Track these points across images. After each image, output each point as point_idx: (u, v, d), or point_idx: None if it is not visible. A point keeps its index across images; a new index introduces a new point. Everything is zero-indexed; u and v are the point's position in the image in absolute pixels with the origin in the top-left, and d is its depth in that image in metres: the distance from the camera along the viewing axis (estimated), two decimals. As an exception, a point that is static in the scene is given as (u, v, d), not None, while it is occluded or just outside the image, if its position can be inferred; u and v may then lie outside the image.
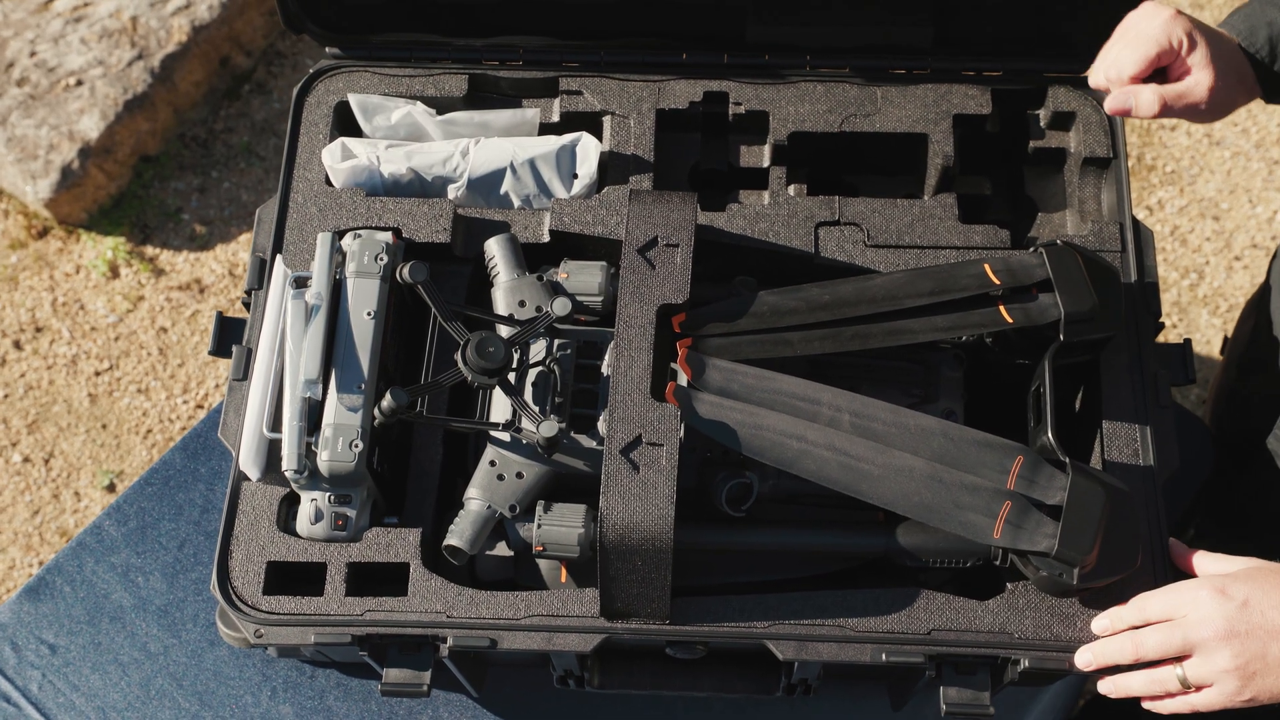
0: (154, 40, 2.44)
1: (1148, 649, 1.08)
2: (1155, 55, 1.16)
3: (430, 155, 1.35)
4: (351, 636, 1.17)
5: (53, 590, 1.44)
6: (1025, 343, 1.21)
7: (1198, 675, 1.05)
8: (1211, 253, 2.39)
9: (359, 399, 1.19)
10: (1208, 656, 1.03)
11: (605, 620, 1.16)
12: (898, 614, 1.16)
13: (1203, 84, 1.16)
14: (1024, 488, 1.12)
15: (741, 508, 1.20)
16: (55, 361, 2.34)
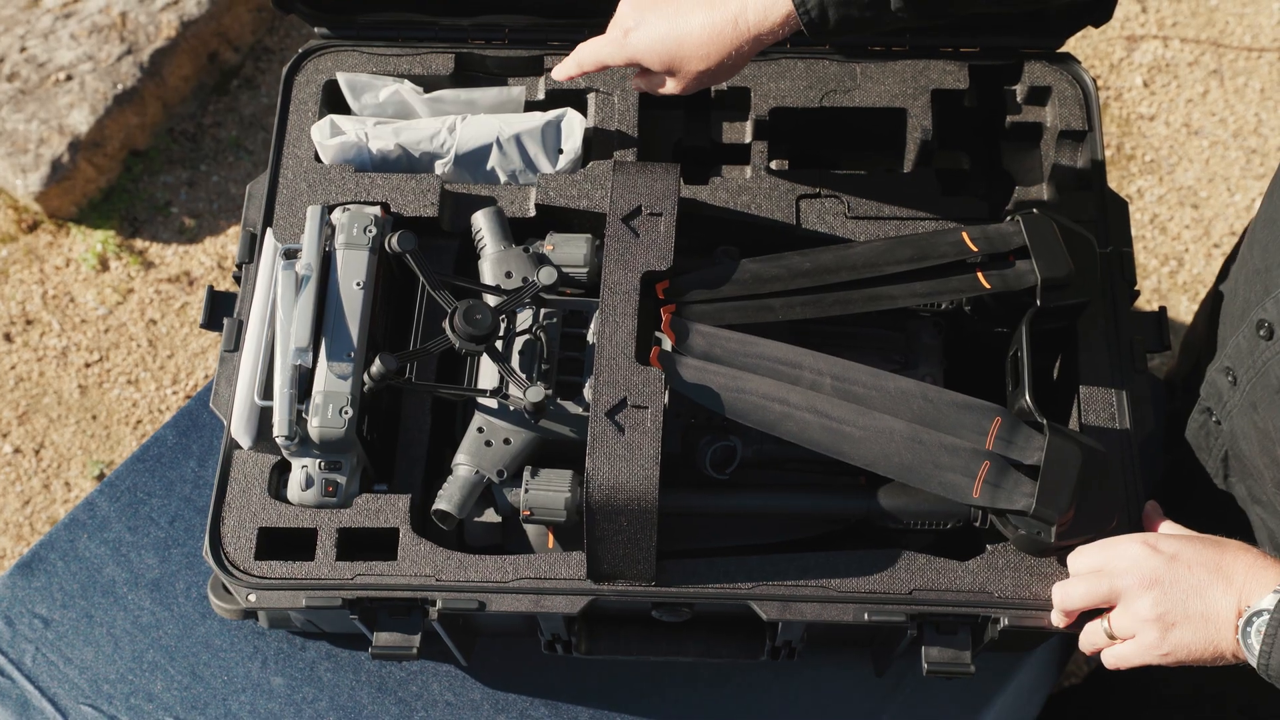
0: (143, 35, 2.46)
1: (1074, 598, 1.09)
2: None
3: (418, 132, 1.37)
4: (342, 600, 1.18)
5: (46, 565, 1.46)
6: (1003, 309, 1.23)
7: (1120, 624, 1.06)
8: (1191, 240, 2.42)
9: (349, 367, 1.21)
10: (1129, 605, 1.04)
11: (592, 582, 1.18)
12: (879, 574, 1.18)
13: None
14: (1002, 448, 1.14)
15: (725, 471, 1.22)
16: (45, 354, 2.35)
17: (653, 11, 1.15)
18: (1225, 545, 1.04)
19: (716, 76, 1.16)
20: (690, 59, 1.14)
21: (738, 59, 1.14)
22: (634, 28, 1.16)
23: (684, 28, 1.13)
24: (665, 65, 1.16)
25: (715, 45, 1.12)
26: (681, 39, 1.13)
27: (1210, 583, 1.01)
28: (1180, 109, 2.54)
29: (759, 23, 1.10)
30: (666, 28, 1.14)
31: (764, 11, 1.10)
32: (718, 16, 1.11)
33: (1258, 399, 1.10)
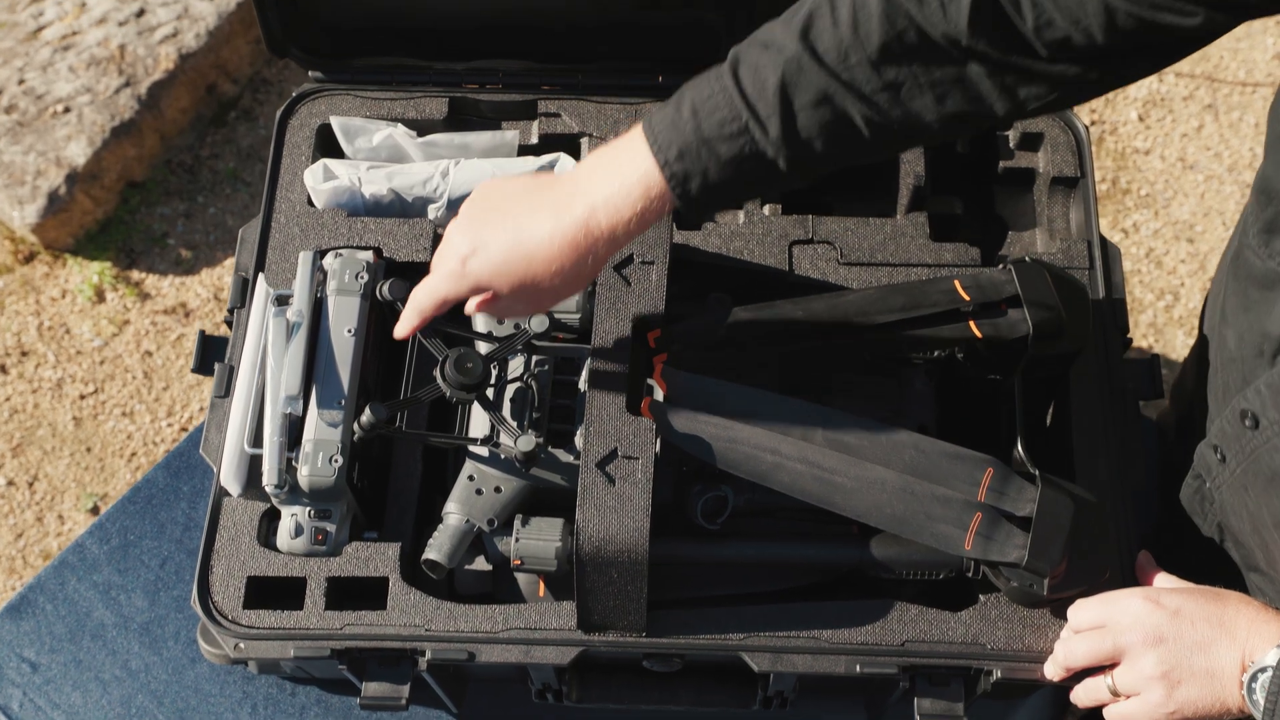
0: (141, 68, 2.47)
1: (1077, 656, 1.08)
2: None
3: (411, 176, 1.37)
4: (331, 650, 1.17)
5: (34, 608, 1.45)
6: (995, 358, 1.23)
7: (1124, 682, 1.04)
8: (1186, 274, 2.42)
9: (339, 415, 1.20)
10: (1134, 662, 1.03)
11: (582, 633, 1.17)
12: (871, 625, 1.17)
13: None
14: (994, 499, 1.13)
15: (717, 521, 1.22)
16: (40, 385, 2.35)
17: (488, 230, 1.01)
18: (1226, 598, 1.03)
19: (574, 288, 1.03)
20: (541, 276, 1.00)
21: (594, 266, 1.01)
22: (472, 253, 1.02)
23: (529, 243, 0.99)
24: (514, 288, 1.02)
25: (568, 256, 0.99)
26: (530, 255, 0.99)
27: (1214, 638, 1.00)
28: (1175, 143, 2.54)
29: (611, 223, 0.98)
30: (509, 244, 1.00)
31: (615, 209, 0.97)
32: (565, 223, 0.98)
33: (1249, 483, 1.09)
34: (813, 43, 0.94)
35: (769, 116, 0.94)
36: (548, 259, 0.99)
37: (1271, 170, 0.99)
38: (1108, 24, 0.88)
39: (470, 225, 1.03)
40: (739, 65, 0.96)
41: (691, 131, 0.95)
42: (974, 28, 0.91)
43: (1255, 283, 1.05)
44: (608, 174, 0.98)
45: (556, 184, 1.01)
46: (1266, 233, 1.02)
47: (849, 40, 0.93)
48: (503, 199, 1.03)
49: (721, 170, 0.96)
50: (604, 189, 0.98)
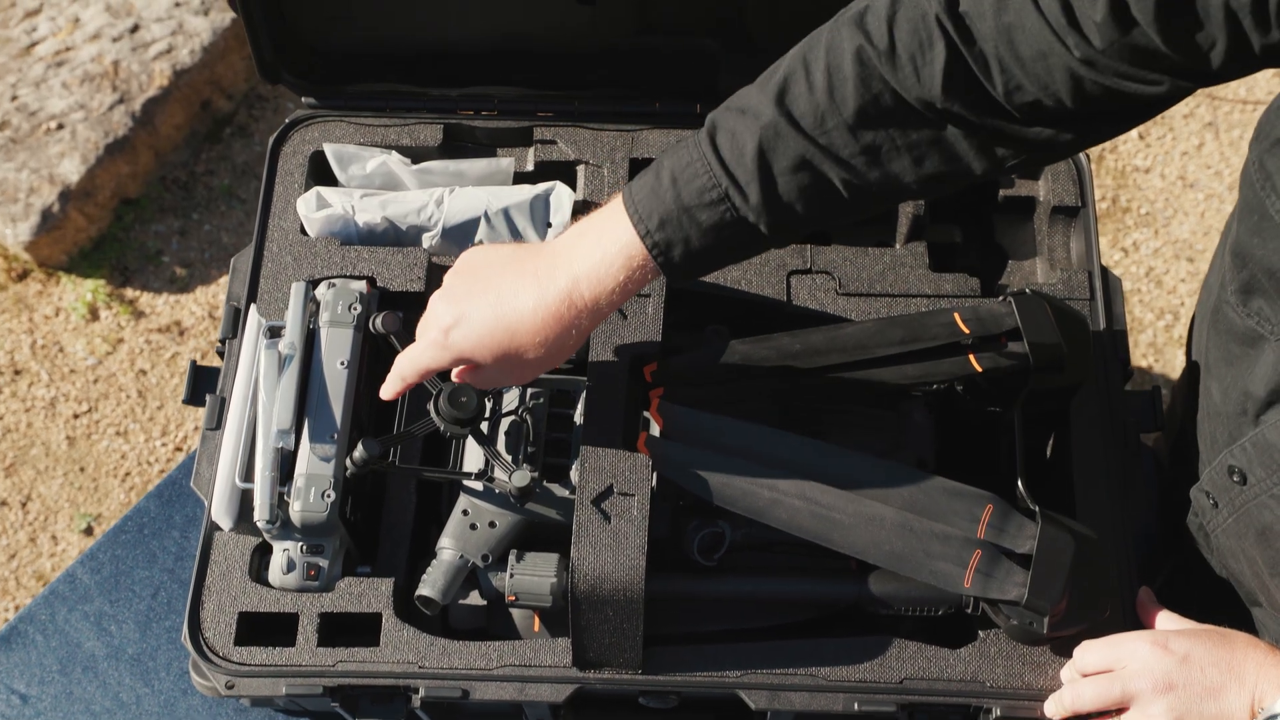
0: (135, 84, 2.45)
1: (1085, 700, 1.07)
2: None
3: (405, 204, 1.36)
4: (323, 688, 1.16)
5: (24, 639, 1.44)
6: (995, 391, 1.22)
7: None
8: (1186, 294, 2.41)
9: (332, 449, 1.19)
10: (1144, 709, 1.02)
11: (578, 670, 1.16)
12: (870, 662, 1.16)
13: None
14: (994, 536, 1.12)
15: (713, 557, 1.20)
16: (34, 404, 2.33)
17: (471, 301, 1.01)
18: (1234, 641, 1.03)
19: (558, 359, 1.03)
20: (524, 348, 1.00)
21: (578, 337, 1.01)
22: (454, 324, 1.01)
23: (513, 315, 0.99)
24: (496, 359, 1.01)
25: (551, 329, 0.99)
26: (512, 328, 0.99)
27: (1224, 683, 1.00)
28: (1176, 161, 2.53)
29: (595, 294, 0.98)
30: (492, 316, 1.00)
31: (598, 280, 0.97)
32: (549, 295, 0.98)
33: (1242, 532, 1.08)
34: (789, 108, 0.94)
35: (748, 183, 0.94)
36: (531, 331, 0.99)
37: (1245, 235, 0.99)
38: (1075, 91, 0.89)
39: (453, 295, 1.03)
40: (716, 132, 0.96)
41: (672, 200, 0.95)
42: (947, 92, 0.91)
43: (1235, 338, 1.05)
44: (590, 245, 0.98)
45: (540, 254, 1.01)
46: (1243, 293, 1.02)
47: (825, 105, 0.93)
48: (486, 268, 1.02)
49: (703, 237, 0.96)
50: (586, 260, 0.98)
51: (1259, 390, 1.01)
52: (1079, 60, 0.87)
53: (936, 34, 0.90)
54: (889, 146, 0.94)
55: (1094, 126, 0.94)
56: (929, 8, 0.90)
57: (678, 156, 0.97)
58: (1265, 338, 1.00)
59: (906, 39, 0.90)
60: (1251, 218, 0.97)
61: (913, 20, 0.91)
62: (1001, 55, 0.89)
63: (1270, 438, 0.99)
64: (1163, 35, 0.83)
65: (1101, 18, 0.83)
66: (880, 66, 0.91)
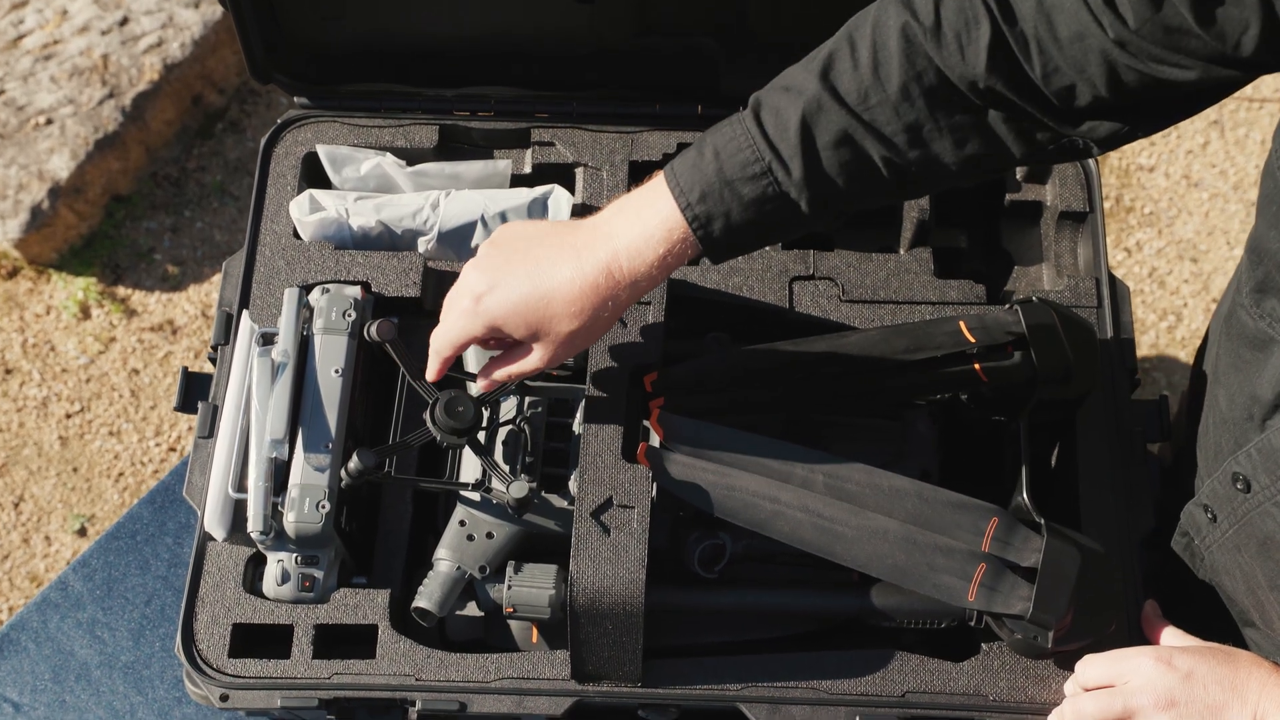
0: (125, 78, 2.43)
1: (1086, 715, 1.06)
2: None
3: (400, 208, 1.33)
4: (319, 700, 1.15)
5: (17, 647, 1.42)
6: (1000, 400, 1.20)
7: None
8: (1190, 295, 2.39)
9: (327, 459, 1.17)
10: None
11: (576, 683, 1.14)
12: (872, 675, 1.15)
13: None
14: (998, 550, 1.11)
15: (714, 569, 1.19)
16: (25, 404, 2.31)
17: (506, 271, 0.99)
18: (1237, 660, 1.02)
19: (590, 336, 1.01)
20: (559, 318, 0.98)
21: (614, 312, 0.99)
22: (487, 291, 0.99)
23: (548, 283, 0.97)
24: (530, 329, 0.99)
25: (588, 299, 0.97)
26: (548, 296, 0.97)
27: (1226, 701, 0.99)
28: (1180, 160, 2.51)
29: (633, 267, 0.97)
30: (528, 283, 0.98)
31: (638, 252, 0.96)
32: (587, 266, 0.97)
33: (1242, 544, 1.07)
34: (833, 83, 0.94)
35: (791, 157, 0.94)
36: (568, 300, 0.98)
37: (1263, 229, 0.98)
38: (1110, 76, 0.89)
39: (488, 264, 1.01)
40: (760, 108, 0.96)
41: (714, 173, 0.95)
42: (990, 71, 0.91)
43: (1246, 343, 1.04)
44: (630, 218, 0.98)
45: (578, 228, 1.00)
46: (1258, 292, 1.01)
47: (869, 81, 0.93)
48: (524, 240, 1.01)
49: (744, 211, 0.96)
50: (626, 233, 0.97)
51: (1267, 394, 1.00)
52: (1113, 42, 0.87)
53: (982, 12, 0.90)
54: (931, 126, 0.94)
55: (1130, 118, 0.94)
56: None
57: (721, 133, 0.96)
58: (1276, 340, 0.99)
59: (953, 17, 0.91)
60: (1271, 208, 0.97)
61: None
62: (1040, 36, 0.89)
63: (1275, 443, 0.99)
64: (1195, 13, 0.83)
65: None
66: (925, 44, 0.92)
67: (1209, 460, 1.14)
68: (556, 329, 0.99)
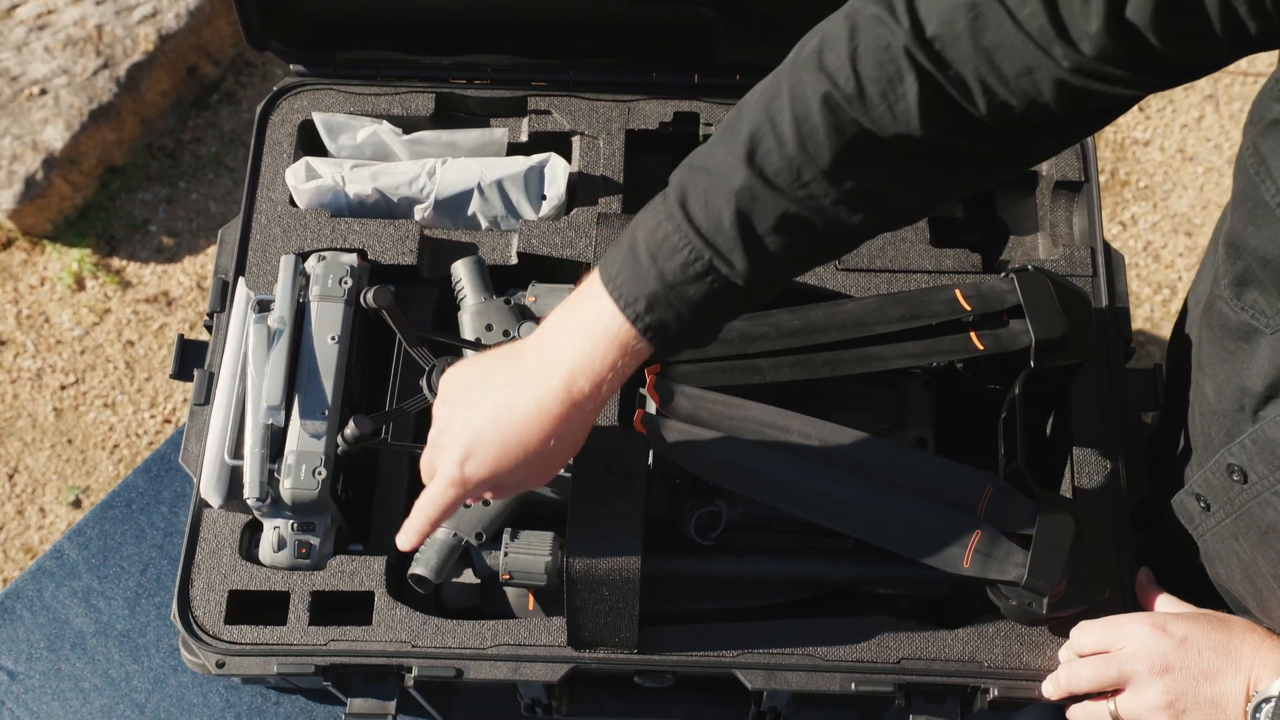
0: (120, 49, 2.41)
1: (1081, 681, 1.06)
2: None
3: (396, 176, 1.33)
4: (315, 667, 1.15)
5: (11, 616, 1.42)
6: (996, 369, 1.21)
7: (1128, 710, 1.03)
8: (1184, 269, 2.40)
9: (323, 425, 1.17)
10: (1139, 690, 1.02)
11: (573, 650, 1.15)
12: (867, 642, 1.15)
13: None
14: (993, 517, 1.11)
15: (710, 536, 1.19)
16: (19, 375, 2.31)
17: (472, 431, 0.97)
18: (1231, 625, 1.02)
19: (574, 450, 1.00)
20: (540, 453, 0.96)
21: (588, 425, 0.98)
22: (466, 458, 0.97)
23: (519, 429, 0.95)
24: (519, 476, 0.98)
25: (560, 426, 0.94)
26: (524, 442, 0.95)
27: (1220, 667, 0.99)
28: (1175, 134, 2.51)
29: (594, 384, 0.93)
30: (500, 440, 0.96)
31: (594, 371, 0.93)
32: (547, 398, 0.94)
33: (1240, 534, 1.06)
34: (761, 167, 0.88)
35: (731, 250, 0.90)
36: (542, 438, 0.95)
37: (1239, 224, 0.96)
38: (1062, 98, 0.85)
39: (452, 428, 0.98)
40: (687, 199, 0.91)
41: (655, 279, 0.90)
42: (925, 123, 0.87)
43: (1230, 334, 1.03)
44: (577, 338, 0.94)
45: (526, 356, 0.97)
46: (1238, 285, 0.99)
47: (799, 159, 0.88)
48: (474, 389, 0.98)
49: (694, 311, 0.92)
50: (577, 354, 0.93)
51: (1256, 385, 0.99)
52: (1069, 70, 0.83)
53: (905, 66, 0.85)
54: (873, 186, 0.90)
55: (1077, 128, 0.92)
56: (893, 39, 0.85)
57: (650, 229, 0.91)
58: (1260, 331, 0.98)
59: (873, 74, 0.86)
60: (1246, 205, 0.95)
61: (876, 54, 0.85)
62: (984, 76, 0.85)
63: (1270, 434, 0.98)
64: (1159, 35, 0.80)
65: (1096, 29, 0.80)
66: (851, 110, 0.87)
67: (1198, 450, 1.14)
68: (541, 462, 0.97)
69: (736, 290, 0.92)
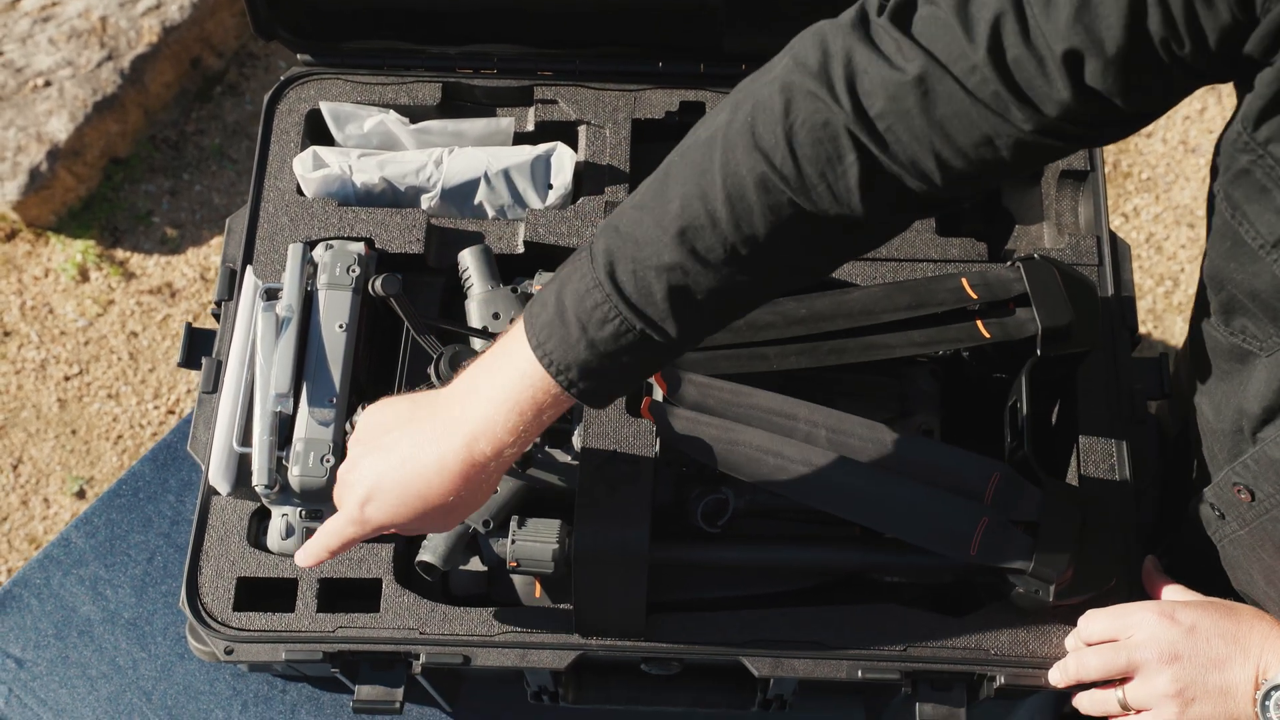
0: (124, 41, 2.41)
1: (1090, 669, 1.07)
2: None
3: (403, 165, 1.33)
4: (323, 653, 1.15)
5: (19, 603, 1.42)
6: (1002, 357, 1.21)
7: (1137, 698, 1.03)
8: (1187, 260, 2.40)
9: (331, 413, 1.18)
10: (1148, 679, 1.02)
11: (579, 637, 1.15)
12: (873, 630, 1.15)
13: None
14: (1000, 504, 1.11)
15: (717, 523, 1.19)
16: (24, 366, 2.31)
17: (377, 475, 0.97)
18: (1240, 613, 1.02)
19: (474, 507, 0.99)
20: (438, 506, 0.96)
21: (490, 486, 0.98)
22: (367, 499, 0.98)
23: (419, 480, 0.96)
24: (416, 522, 0.98)
25: (459, 484, 0.95)
26: (423, 494, 0.96)
27: (1229, 655, 0.99)
28: (1178, 126, 2.51)
29: (496, 447, 0.94)
30: (400, 487, 0.96)
31: (493, 430, 0.93)
32: (449, 455, 0.94)
33: (1258, 544, 1.06)
34: (693, 245, 0.87)
35: (664, 320, 0.89)
36: (441, 493, 0.96)
37: (1220, 260, 0.96)
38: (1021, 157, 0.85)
39: (359, 469, 0.99)
40: (615, 269, 0.89)
41: (586, 349, 0.90)
42: (867, 201, 0.86)
43: (1223, 355, 1.03)
44: (494, 398, 0.93)
45: (438, 408, 0.97)
46: (1224, 313, 0.99)
47: (734, 238, 0.87)
48: (385, 435, 0.98)
49: (627, 372, 0.93)
50: (482, 417, 0.93)
51: (1253, 408, 0.99)
52: (1030, 130, 0.82)
53: (846, 145, 0.83)
54: (806, 259, 0.91)
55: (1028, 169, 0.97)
56: (833, 118, 0.83)
57: (579, 296, 0.90)
58: (1255, 354, 0.97)
59: (810, 153, 0.84)
60: (1224, 243, 0.94)
61: (814, 132, 0.84)
62: (939, 150, 0.83)
63: (1272, 454, 0.97)
64: (1123, 95, 0.80)
65: (1062, 94, 0.80)
66: (788, 191, 0.85)
67: (1204, 465, 1.14)
68: (440, 512, 0.98)
69: (669, 350, 0.92)
